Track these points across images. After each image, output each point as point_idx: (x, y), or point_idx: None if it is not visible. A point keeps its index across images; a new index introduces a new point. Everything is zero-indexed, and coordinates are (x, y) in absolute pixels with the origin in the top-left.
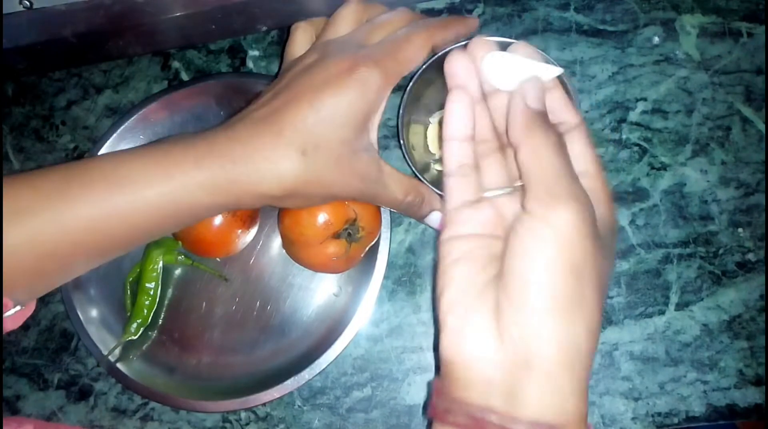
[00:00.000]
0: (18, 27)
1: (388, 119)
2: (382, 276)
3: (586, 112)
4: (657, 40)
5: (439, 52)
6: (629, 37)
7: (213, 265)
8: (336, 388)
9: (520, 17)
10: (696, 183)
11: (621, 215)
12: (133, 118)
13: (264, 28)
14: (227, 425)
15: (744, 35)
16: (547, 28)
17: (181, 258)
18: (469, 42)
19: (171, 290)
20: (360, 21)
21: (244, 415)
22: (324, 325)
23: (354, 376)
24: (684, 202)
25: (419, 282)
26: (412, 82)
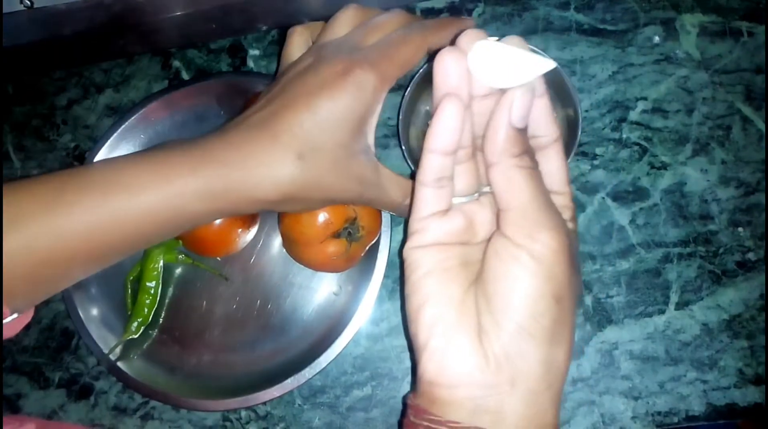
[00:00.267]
0: (19, 26)
1: (388, 118)
2: (382, 275)
3: (587, 111)
4: (657, 39)
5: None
6: (629, 37)
7: (213, 264)
8: (336, 386)
9: (520, 16)
10: (696, 182)
11: (621, 214)
12: (134, 118)
13: (264, 28)
14: (228, 424)
15: (744, 34)
16: (547, 27)
17: (182, 257)
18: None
19: (171, 289)
20: (357, 25)
21: (244, 413)
22: (324, 324)
23: (354, 375)
24: (684, 201)
25: None
26: (409, 88)
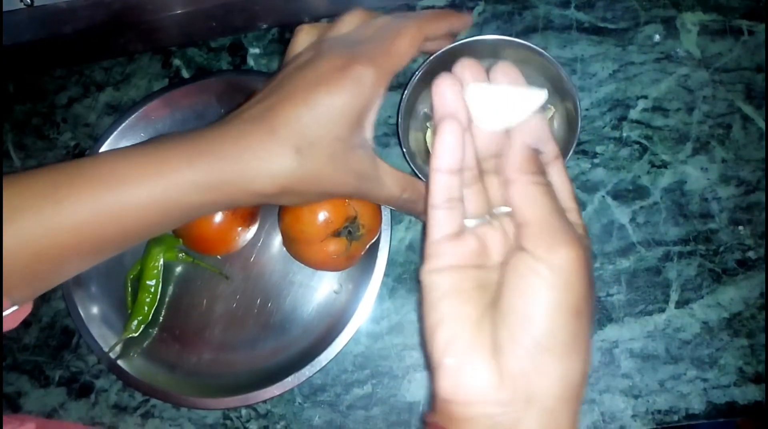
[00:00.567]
0: (19, 24)
1: (389, 117)
2: (382, 273)
3: (587, 110)
4: (658, 37)
5: (432, 56)
6: (630, 35)
7: (214, 263)
8: (336, 385)
9: (520, 15)
10: (696, 181)
11: (621, 213)
12: (134, 116)
13: (264, 26)
14: (228, 422)
15: (744, 33)
16: (547, 25)
17: (182, 255)
18: (456, 56)
19: (172, 287)
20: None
21: (244, 412)
22: (324, 323)
23: (354, 374)
24: (684, 199)
25: None
26: (407, 89)
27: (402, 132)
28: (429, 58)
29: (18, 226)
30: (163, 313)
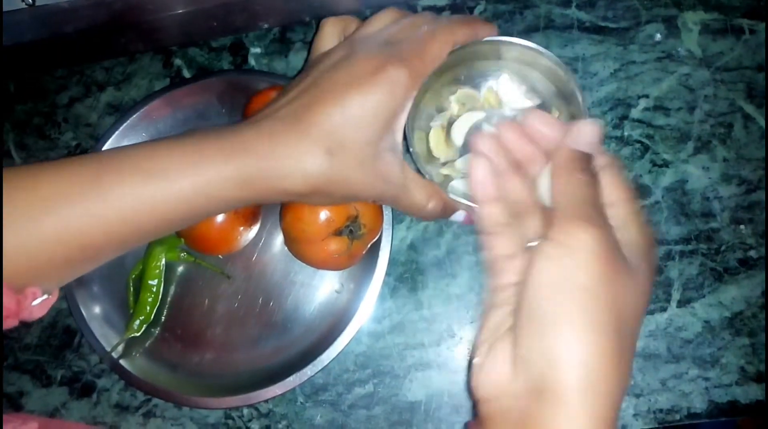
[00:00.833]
0: (20, 24)
1: None
2: (383, 273)
3: (588, 109)
4: (659, 37)
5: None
6: (631, 34)
7: (215, 263)
8: (338, 384)
9: (521, 14)
10: (698, 180)
11: None
12: (135, 116)
13: (266, 26)
14: (230, 422)
15: (746, 32)
16: (548, 25)
17: (184, 255)
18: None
19: (173, 287)
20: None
21: (246, 411)
22: (326, 322)
23: (356, 373)
24: (686, 199)
25: (421, 279)
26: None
27: (409, 133)
28: None
29: (64, 213)
30: (165, 313)
